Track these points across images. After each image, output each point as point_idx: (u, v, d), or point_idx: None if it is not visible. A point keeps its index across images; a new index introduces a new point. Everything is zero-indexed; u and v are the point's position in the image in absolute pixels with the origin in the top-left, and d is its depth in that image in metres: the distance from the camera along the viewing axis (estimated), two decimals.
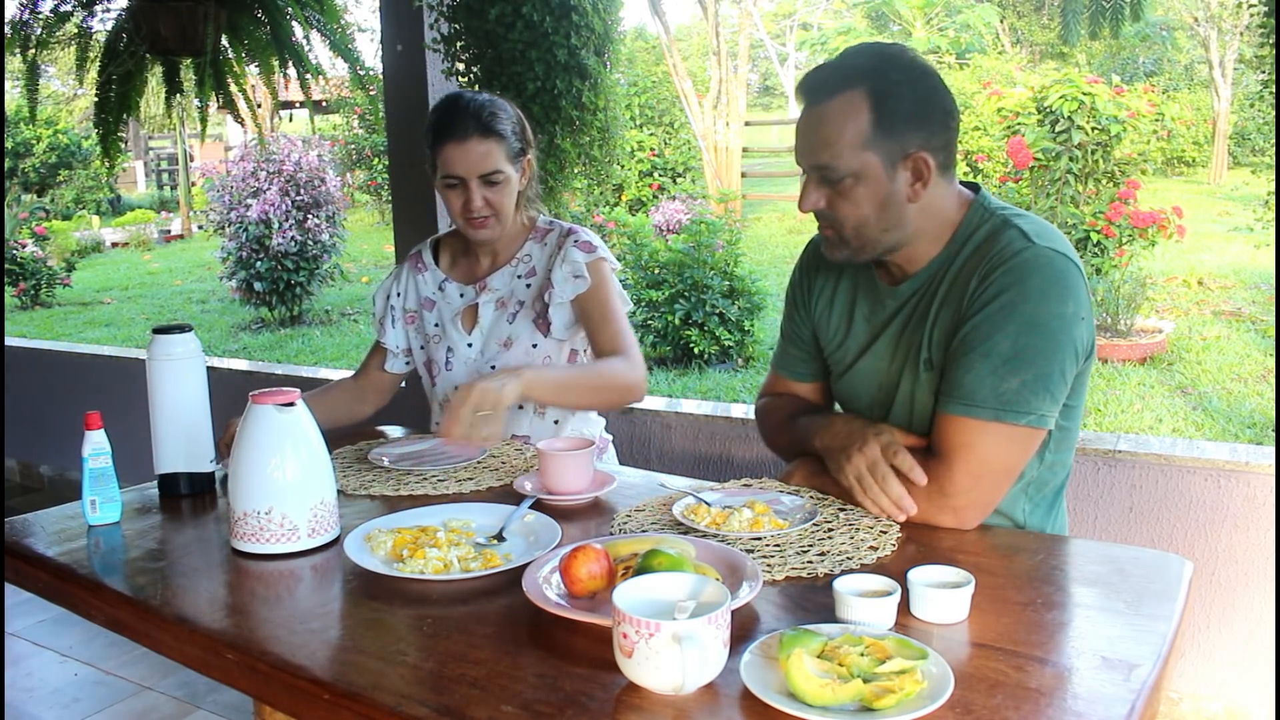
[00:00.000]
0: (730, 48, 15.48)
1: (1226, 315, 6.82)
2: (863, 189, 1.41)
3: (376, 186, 13.74)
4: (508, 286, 2.02)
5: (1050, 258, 1.37)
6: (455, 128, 1.86)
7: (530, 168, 1.97)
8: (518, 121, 1.94)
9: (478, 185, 1.88)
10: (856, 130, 1.39)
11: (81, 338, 8.22)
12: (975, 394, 1.36)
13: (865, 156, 1.39)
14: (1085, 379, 1.45)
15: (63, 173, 19.09)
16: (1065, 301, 1.36)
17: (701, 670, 0.93)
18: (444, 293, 2.07)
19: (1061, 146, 6.42)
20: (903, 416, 1.50)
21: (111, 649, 3.00)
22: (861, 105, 1.38)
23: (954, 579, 1.13)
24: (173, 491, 1.67)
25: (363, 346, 7.43)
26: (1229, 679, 2.27)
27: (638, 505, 1.53)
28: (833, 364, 1.65)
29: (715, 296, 5.68)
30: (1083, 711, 0.92)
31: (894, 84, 1.39)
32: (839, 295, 1.63)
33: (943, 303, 1.45)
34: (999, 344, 1.35)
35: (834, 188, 1.43)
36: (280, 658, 1.09)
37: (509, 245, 2.04)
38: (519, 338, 1.98)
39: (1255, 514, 2.20)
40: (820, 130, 1.41)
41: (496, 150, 1.87)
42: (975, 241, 1.45)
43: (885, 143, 1.39)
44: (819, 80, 1.43)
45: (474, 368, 2.00)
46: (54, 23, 3.00)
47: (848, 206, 1.43)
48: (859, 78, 1.39)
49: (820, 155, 1.41)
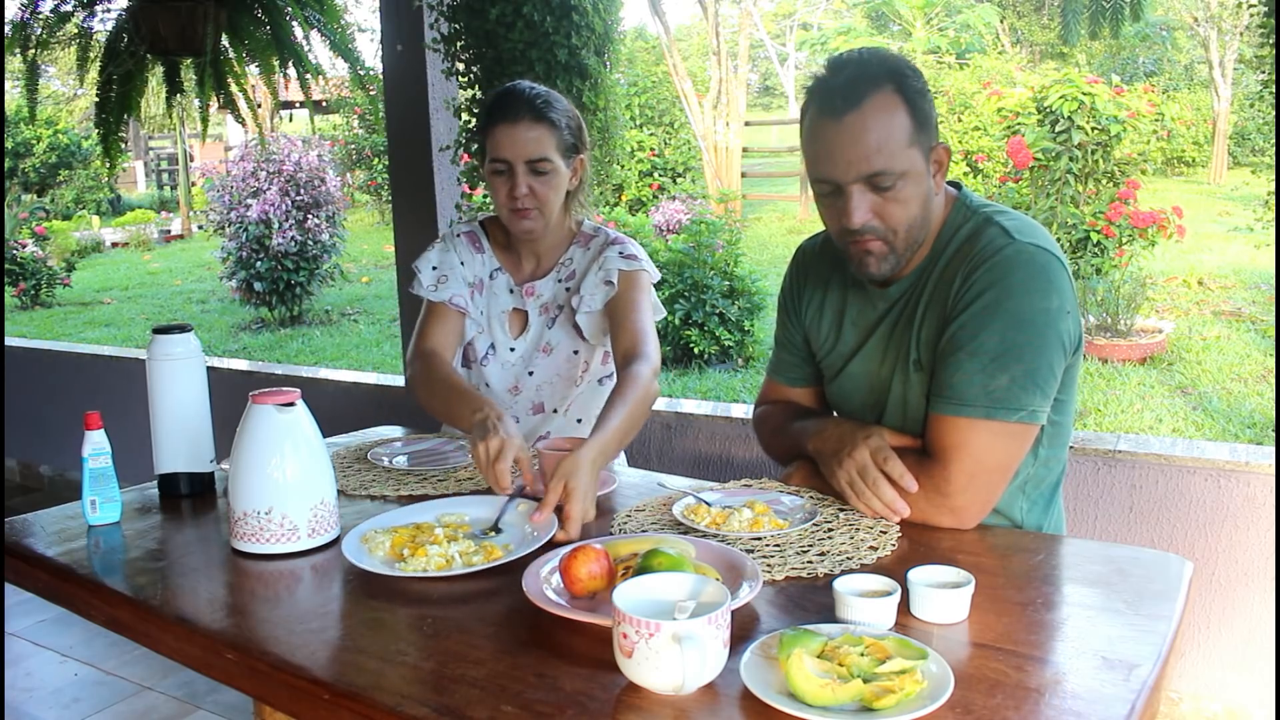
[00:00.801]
0: (730, 48, 15.49)
1: (1226, 315, 6.82)
2: (912, 188, 1.39)
3: (376, 186, 13.75)
4: (551, 293, 1.95)
5: (1032, 253, 1.37)
6: (508, 110, 1.80)
7: (583, 168, 1.90)
8: (574, 118, 1.88)
9: (524, 171, 1.80)
10: (902, 127, 1.36)
11: (81, 338, 8.22)
12: (965, 393, 1.36)
13: (912, 154, 1.38)
14: (1075, 372, 1.45)
15: (63, 173, 19.09)
16: (1049, 296, 1.36)
17: (701, 670, 0.93)
18: (494, 282, 1.98)
19: (1061, 146, 6.42)
20: (895, 418, 1.50)
21: (111, 649, 3.00)
22: (898, 103, 1.36)
23: (954, 579, 1.13)
24: (173, 491, 1.67)
25: (363, 346, 7.42)
26: (1229, 679, 2.27)
27: (638, 505, 1.53)
28: (825, 368, 1.65)
29: (715, 296, 5.68)
30: (1083, 711, 0.92)
31: (912, 78, 1.39)
32: (829, 300, 1.63)
33: (929, 303, 1.45)
34: (986, 342, 1.35)
35: (884, 194, 1.38)
36: (280, 658, 1.09)
37: (553, 250, 1.96)
38: (558, 344, 1.94)
39: (1255, 514, 2.20)
40: (866, 137, 1.35)
41: (547, 138, 1.81)
42: (958, 240, 1.44)
43: (921, 136, 1.39)
44: (847, 86, 1.36)
45: (511, 371, 1.95)
46: (54, 23, 3.00)
47: (899, 210, 1.39)
48: (884, 77, 1.37)
49: (874, 162, 1.35)
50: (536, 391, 1.95)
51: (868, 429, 1.46)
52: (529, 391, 1.95)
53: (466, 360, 2.00)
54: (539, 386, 1.95)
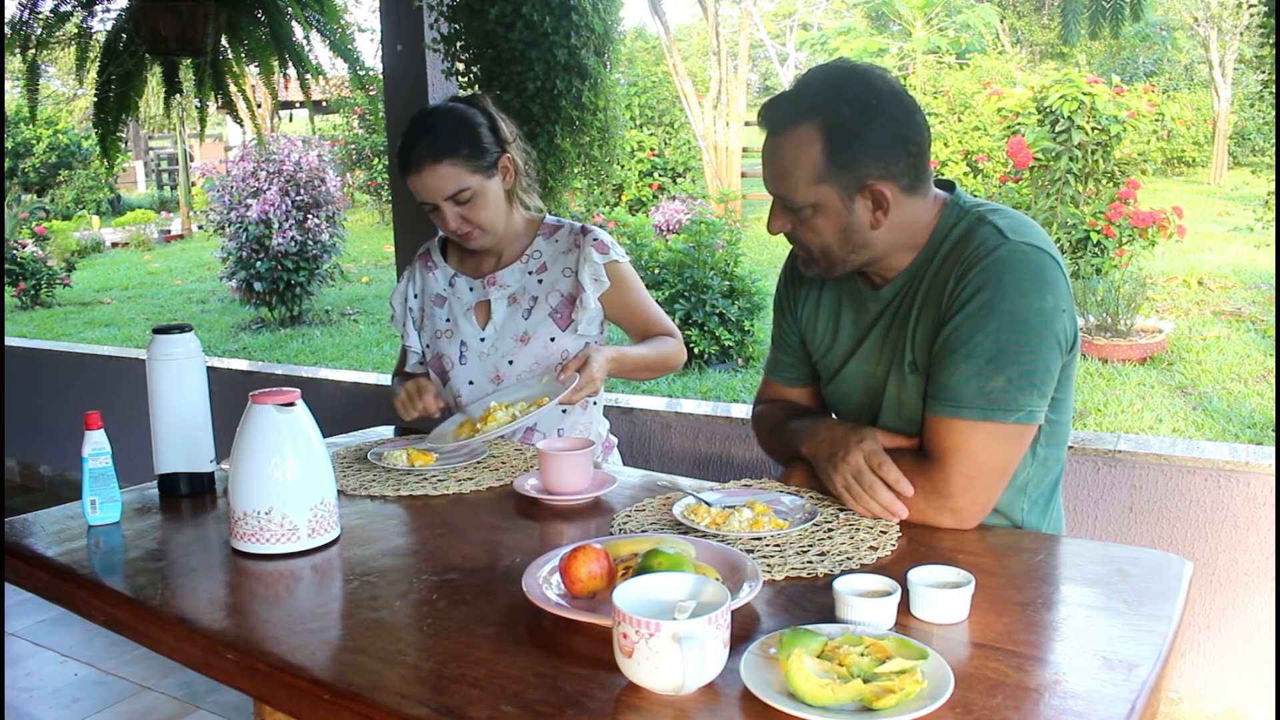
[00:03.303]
0: (730, 48, 15.48)
1: (1226, 315, 6.82)
2: (822, 219, 1.43)
3: (376, 186, 13.75)
4: (519, 282, 2.03)
5: (1026, 252, 1.36)
6: (409, 161, 1.88)
7: (512, 165, 1.96)
8: (485, 128, 1.92)
9: (449, 206, 1.90)
10: (810, 164, 1.39)
11: (81, 338, 8.22)
12: (961, 395, 1.36)
13: (820, 190, 1.40)
14: (1072, 370, 1.45)
15: (63, 173, 19.09)
16: (1044, 295, 1.35)
17: (701, 670, 0.93)
18: (454, 288, 2.09)
19: (1061, 146, 6.43)
20: (891, 419, 1.50)
21: (111, 649, 3.00)
22: (815, 139, 1.38)
23: (954, 579, 1.13)
24: (173, 491, 1.67)
25: (363, 346, 7.44)
26: (1229, 679, 2.27)
27: (638, 505, 1.53)
28: (821, 369, 1.65)
29: (715, 296, 5.68)
30: (1083, 711, 0.92)
31: (847, 117, 1.37)
32: (824, 301, 1.63)
33: (923, 304, 1.45)
34: (981, 343, 1.35)
35: (796, 215, 1.44)
36: (280, 658, 1.09)
37: (515, 242, 2.06)
38: (536, 333, 2.00)
39: (1255, 514, 2.20)
40: (774, 163, 1.43)
41: (454, 171, 1.87)
42: (951, 241, 1.44)
43: (840, 175, 1.39)
44: (774, 112, 1.43)
45: (488, 362, 2.02)
46: (54, 23, 3.00)
47: (810, 234, 1.45)
48: (812, 111, 1.38)
49: (778, 186, 1.43)
50: (518, 380, 2.00)
51: (860, 431, 1.46)
52: (511, 380, 2.01)
53: (442, 374, 2.07)
54: (519, 376, 2.00)
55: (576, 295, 1.99)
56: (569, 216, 3.02)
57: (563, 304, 2.00)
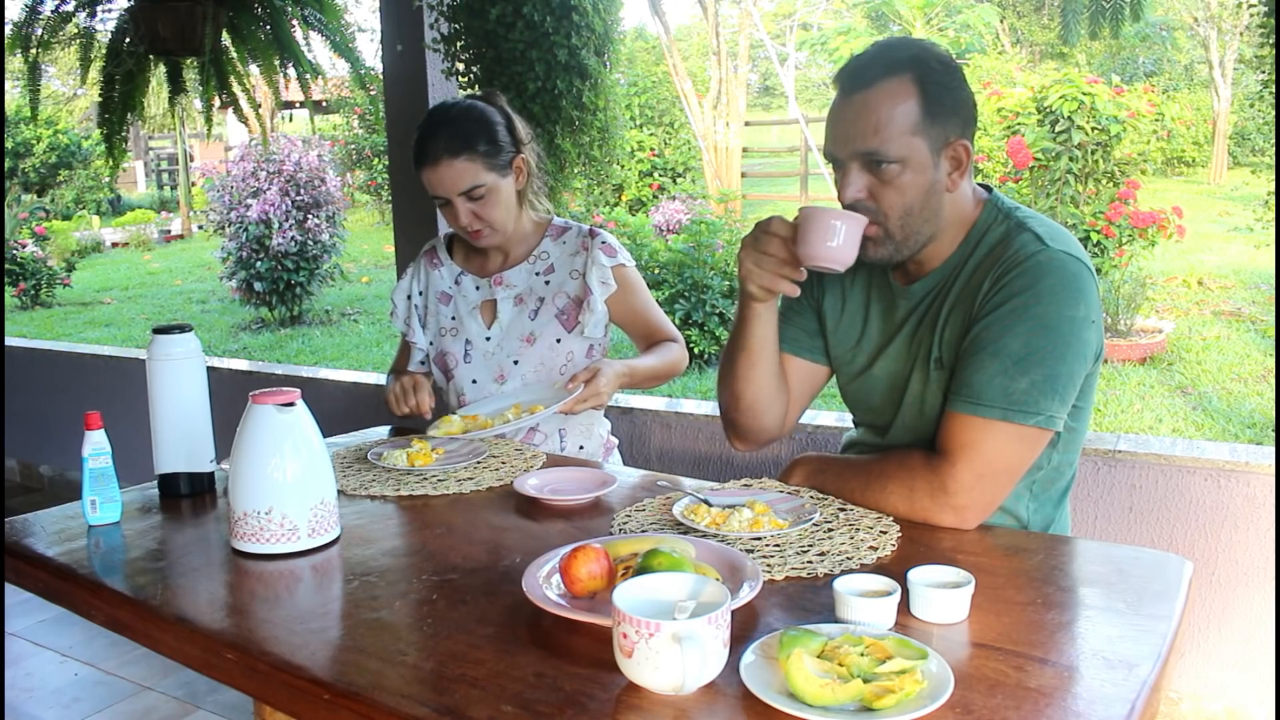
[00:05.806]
0: (730, 48, 15.49)
1: (1226, 315, 6.82)
2: (909, 176, 1.40)
3: (376, 186, 13.75)
4: (526, 283, 2.04)
5: (1064, 261, 1.37)
6: (426, 153, 1.88)
7: (525, 167, 1.97)
8: (502, 127, 1.93)
9: (462, 201, 1.90)
10: (906, 115, 1.38)
11: (81, 338, 8.22)
12: (984, 393, 1.36)
13: (914, 142, 1.39)
14: (1094, 381, 1.46)
15: (63, 173, 19.09)
16: (1077, 304, 1.36)
17: (701, 670, 0.93)
18: (460, 286, 2.09)
19: (1061, 146, 6.43)
20: (912, 416, 1.50)
21: (111, 649, 3.00)
22: (910, 90, 1.38)
23: (954, 579, 1.13)
24: (173, 491, 1.67)
25: (363, 346, 7.43)
26: (1229, 679, 2.27)
27: (638, 505, 1.53)
28: (844, 367, 1.64)
29: (715, 296, 5.68)
30: (1083, 711, 0.92)
31: (939, 72, 1.40)
32: (850, 298, 1.62)
33: (955, 303, 1.45)
34: (1009, 344, 1.35)
35: (879, 175, 1.40)
36: (280, 658, 1.09)
37: (522, 242, 2.06)
38: (542, 334, 2.01)
39: (1255, 514, 2.20)
40: (868, 115, 1.38)
41: (471, 167, 1.88)
42: (989, 243, 1.45)
43: (931, 129, 1.39)
44: (862, 67, 1.41)
45: (493, 361, 2.02)
46: (55, 23, 3.00)
47: (893, 195, 1.41)
48: (906, 64, 1.39)
49: (869, 141, 1.38)
50: (522, 380, 2.01)
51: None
52: (515, 380, 2.01)
53: (445, 372, 2.06)
54: (524, 376, 2.01)
55: (583, 298, 2.00)
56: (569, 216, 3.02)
57: (569, 306, 2.01)
